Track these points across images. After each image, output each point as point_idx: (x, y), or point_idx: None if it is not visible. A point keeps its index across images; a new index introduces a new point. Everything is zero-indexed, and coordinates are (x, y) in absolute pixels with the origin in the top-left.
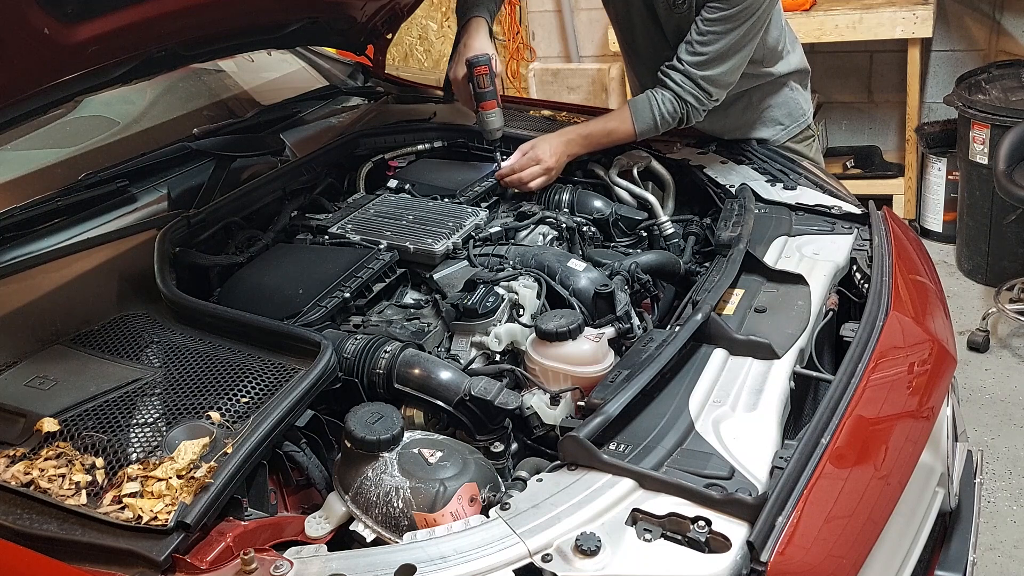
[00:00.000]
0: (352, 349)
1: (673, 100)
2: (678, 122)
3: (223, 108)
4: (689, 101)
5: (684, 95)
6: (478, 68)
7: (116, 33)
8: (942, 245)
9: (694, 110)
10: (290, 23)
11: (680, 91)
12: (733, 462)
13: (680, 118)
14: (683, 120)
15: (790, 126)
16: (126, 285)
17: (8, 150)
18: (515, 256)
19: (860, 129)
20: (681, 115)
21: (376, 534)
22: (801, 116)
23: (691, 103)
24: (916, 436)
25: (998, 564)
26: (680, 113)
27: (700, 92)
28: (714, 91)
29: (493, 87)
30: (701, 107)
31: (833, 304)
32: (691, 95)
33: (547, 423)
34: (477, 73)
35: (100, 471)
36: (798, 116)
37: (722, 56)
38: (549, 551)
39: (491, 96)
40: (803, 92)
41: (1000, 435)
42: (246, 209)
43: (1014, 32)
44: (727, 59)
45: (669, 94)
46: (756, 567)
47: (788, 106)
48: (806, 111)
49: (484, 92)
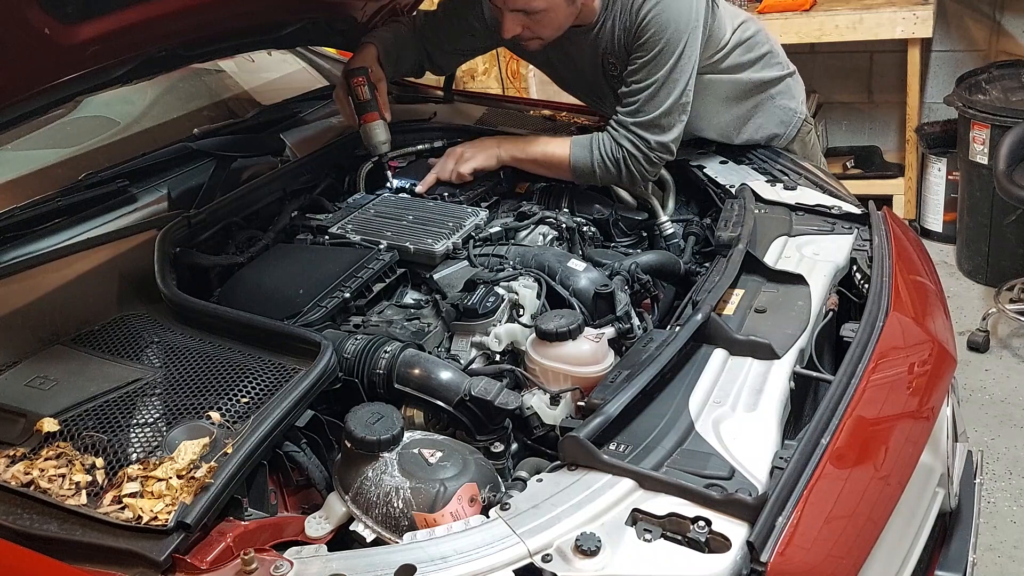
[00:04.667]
0: (352, 349)
1: (611, 143)
2: (618, 171)
3: (223, 108)
4: (626, 147)
5: (620, 140)
6: (355, 79)
7: (116, 33)
8: (942, 245)
9: (632, 157)
10: (290, 23)
11: (616, 135)
12: (733, 462)
13: (618, 162)
14: (622, 167)
15: (785, 132)
16: (126, 285)
17: (8, 150)
18: (515, 256)
19: (860, 129)
20: (619, 158)
21: (376, 534)
22: (793, 117)
23: (628, 149)
24: (916, 436)
25: (998, 564)
26: (617, 156)
27: (636, 139)
28: (651, 138)
29: (373, 99)
30: (641, 155)
31: (833, 304)
32: (628, 141)
33: (547, 423)
34: (354, 84)
35: (100, 471)
36: (790, 120)
37: (651, 99)
38: (549, 551)
39: (371, 108)
40: (789, 95)
41: (1000, 435)
42: (246, 209)
43: (1014, 32)
44: (657, 102)
45: (607, 137)
46: (756, 567)
47: (778, 115)
48: (796, 109)
49: (363, 104)
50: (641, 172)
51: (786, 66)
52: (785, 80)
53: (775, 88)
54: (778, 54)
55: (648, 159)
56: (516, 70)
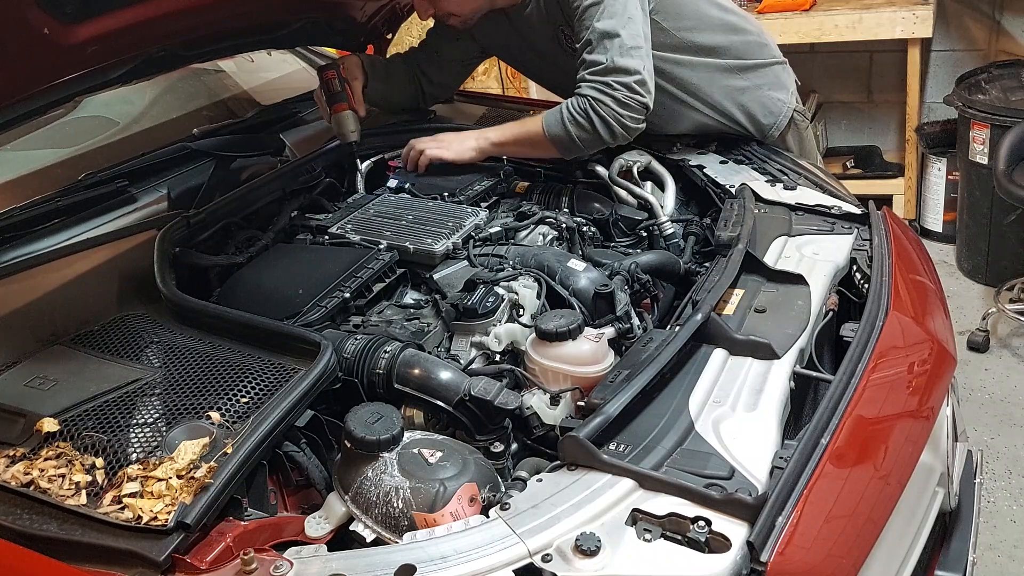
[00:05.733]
0: (352, 349)
1: (576, 99)
2: (592, 124)
3: (223, 108)
4: (590, 95)
5: (583, 91)
6: (327, 72)
7: (116, 33)
8: (942, 245)
9: (599, 103)
10: (290, 23)
11: (579, 91)
12: (733, 462)
13: (587, 112)
14: (593, 118)
15: (775, 122)
16: (126, 285)
17: (8, 150)
18: (515, 256)
19: (860, 129)
20: (586, 109)
21: (376, 534)
22: (783, 107)
23: (592, 97)
24: (916, 436)
25: (998, 564)
26: (584, 107)
27: (598, 85)
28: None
29: (343, 91)
30: (609, 98)
31: (833, 304)
32: (591, 89)
33: (547, 423)
34: (326, 77)
35: (100, 471)
36: (779, 111)
37: (598, 45)
38: (549, 551)
39: (341, 99)
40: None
41: (1000, 435)
42: (246, 209)
43: (1014, 32)
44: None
45: (574, 97)
46: (756, 567)
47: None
48: (785, 100)
49: (334, 95)
50: (616, 118)
51: (775, 54)
52: (773, 68)
53: (762, 73)
54: (767, 42)
55: (617, 101)
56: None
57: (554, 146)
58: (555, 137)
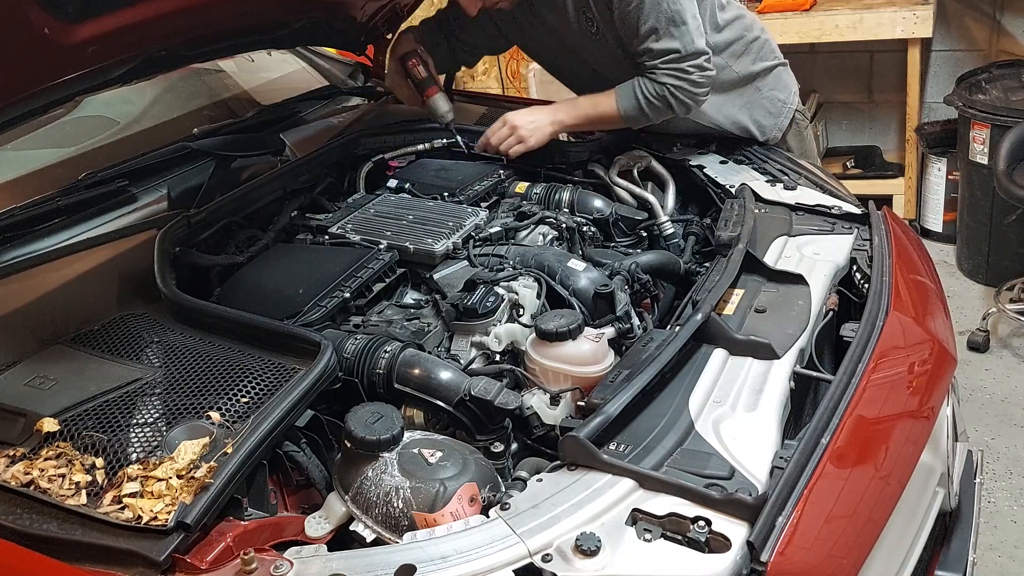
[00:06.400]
0: (352, 349)
1: (652, 84)
2: (667, 105)
3: (223, 108)
4: (668, 83)
5: (660, 79)
6: (410, 61)
7: (116, 33)
8: (942, 245)
9: (678, 88)
10: (290, 23)
11: (655, 76)
12: (733, 462)
13: (665, 98)
14: (671, 101)
15: (776, 123)
16: (126, 285)
17: (8, 150)
18: (515, 256)
19: (860, 129)
20: (663, 95)
21: (376, 534)
22: (784, 108)
23: (670, 85)
24: (916, 436)
25: (998, 564)
26: (662, 93)
27: (673, 72)
28: (685, 65)
29: (430, 75)
30: (686, 82)
31: (833, 304)
32: (667, 76)
33: (547, 423)
34: (411, 66)
35: (100, 471)
36: (780, 111)
37: (664, 37)
38: (549, 551)
39: (430, 83)
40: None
41: (1000, 435)
42: (246, 209)
43: (1014, 32)
44: (668, 38)
45: (647, 80)
46: (756, 567)
47: (766, 105)
48: (786, 100)
49: (422, 82)
50: (691, 96)
51: (777, 56)
52: (776, 70)
53: (765, 78)
54: (770, 43)
55: (693, 83)
56: (516, 70)
57: (625, 121)
58: (629, 115)
